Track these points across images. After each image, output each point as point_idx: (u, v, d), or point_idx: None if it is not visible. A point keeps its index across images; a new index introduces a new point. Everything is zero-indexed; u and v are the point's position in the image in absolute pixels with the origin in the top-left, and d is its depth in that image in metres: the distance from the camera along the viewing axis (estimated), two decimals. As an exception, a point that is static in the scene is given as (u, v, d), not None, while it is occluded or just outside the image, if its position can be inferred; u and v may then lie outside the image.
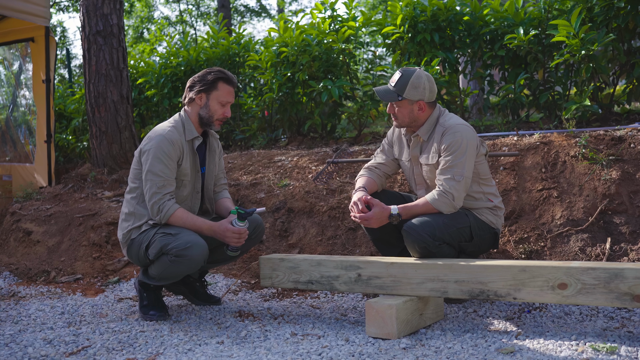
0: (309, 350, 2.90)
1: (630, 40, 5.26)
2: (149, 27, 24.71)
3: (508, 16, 5.58)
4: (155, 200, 3.37)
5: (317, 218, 4.63)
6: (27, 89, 7.56)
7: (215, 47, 7.27)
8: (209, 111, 3.50)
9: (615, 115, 5.43)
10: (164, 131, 3.44)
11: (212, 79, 3.50)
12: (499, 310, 3.43)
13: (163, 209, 3.37)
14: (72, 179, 6.35)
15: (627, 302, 2.69)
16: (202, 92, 3.50)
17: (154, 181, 3.38)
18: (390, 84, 3.45)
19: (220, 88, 3.50)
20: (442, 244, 3.26)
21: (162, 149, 3.38)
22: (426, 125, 3.45)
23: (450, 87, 5.97)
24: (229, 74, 3.55)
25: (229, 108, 3.54)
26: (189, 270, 3.40)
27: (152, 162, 3.38)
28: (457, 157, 3.28)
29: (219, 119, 3.52)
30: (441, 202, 3.29)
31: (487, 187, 3.48)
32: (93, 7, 6.37)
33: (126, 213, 3.54)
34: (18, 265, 4.89)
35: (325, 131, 6.52)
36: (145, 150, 3.43)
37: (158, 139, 3.41)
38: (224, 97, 3.51)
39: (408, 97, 3.39)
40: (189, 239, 3.30)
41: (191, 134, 3.51)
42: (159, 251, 3.34)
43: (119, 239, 3.60)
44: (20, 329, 3.45)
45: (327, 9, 6.45)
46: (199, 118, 3.52)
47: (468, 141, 3.32)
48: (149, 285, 3.58)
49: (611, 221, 3.90)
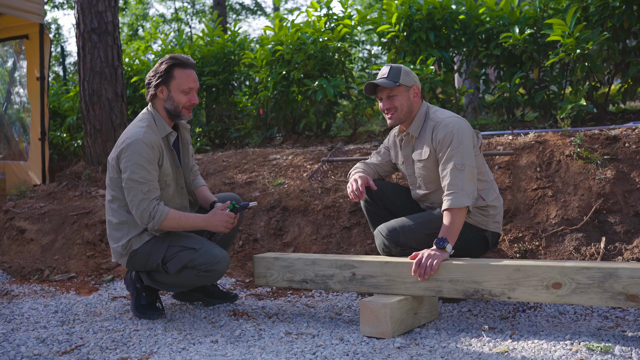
0: (303, 349, 2.89)
1: (625, 40, 5.27)
2: (143, 24, 24.66)
3: (503, 15, 5.59)
4: (145, 207, 3.25)
5: (312, 217, 4.62)
6: (21, 86, 7.52)
7: (210, 45, 7.26)
8: (173, 102, 3.38)
9: (610, 115, 5.44)
10: (139, 134, 3.28)
11: (166, 68, 3.36)
12: (494, 309, 3.43)
13: (155, 215, 3.25)
14: (66, 177, 6.33)
15: (621, 302, 2.69)
16: (160, 84, 3.37)
17: (139, 188, 3.25)
18: (382, 77, 3.42)
19: (178, 75, 3.36)
20: (408, 249, 3.25)
21: (141, 155, 3.25)
22: (416, 122, 3.44)
23: (445, 86, 5.97)
24: (183, 57, 3.38)
25: (194, 94, 3.40)
26: (211, 282, 3.48)
27: (132, 169, 3.25)
28: (454, 147, 3.23)
29: (186, 107, 3.40)
30: (454, 200, 3.16)
31: (480, 183, 3.38)
32: (88, 4, 6.35)
33: (116, 223, 3.42)
34: (11, 263, 4.87)
35: (320, 130, 6.52)
36: (124, 157, 3.28)
37: (136, 144, 3.25)
38: (185, 83, 3.37)
39: (404, 83, 3.38)
40: (214, 253, 3.30)
41: (164, 130, 3.39)
42: (184, 266, 3.32)
43: (113, 248, 3.47)
44: (13, 327, 3.43)
45: (322, 7, 6.45)
46: (167, 112, 3.40)
47: (463, 131, 3.26)
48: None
49: (606, 220, 3.90)
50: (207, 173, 5.44)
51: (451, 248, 3.12)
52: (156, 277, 3.48)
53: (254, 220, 4.75)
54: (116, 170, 3.37)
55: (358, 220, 4.49)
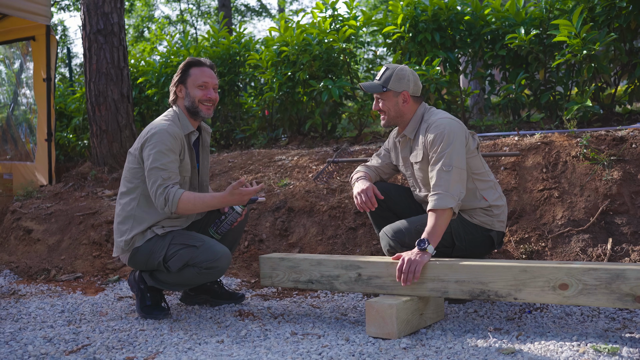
0: (309, 349, 2.89)
1: (632, 40, 5.26)
2: (149, 26, 24.72)
3: (509, 16, 5.58)
4: (161, 192, 3.30)
5: (317, 217, 4.62)
6: (27, 87, 7.56)
7: (215, 46, 7.27)
8: (190, 98, 3.49)
9: (616, 116, 5.43)
10: (164, 125, 3.39)
11: (183, 68, 3.54)
12: (500, 310, 3.42)
13: (169, 197, 3.29)
14: (72, 178, 6.35)
15: (628, 303, 2.68)
16: (178, 83, 3.53)
17: (159, 174, 3.32)
18: (376, 78, 3.47)
19: (193, 72, 3.51)
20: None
21: (164, 143, 3.34)
22: (411, 124, 3.44)
23: (451, 87, 5.96)
24: (198, 58, 3.59)
25: (211, 90, 3.52)
26: (213, 280, 3.51)
27: (155, 156, 3.32)
28: (443, 148, 3.21)
29: (202, 101, 3.48)
30: (438, 201, 3.15)
31: (481, 183, 3.38)
32: (94, 5, 6.37)
33: (124, 216, 3.46)
34: (18, 263, 4.89)
35: (325, 131, 6.52)
36: (147, 146, 3.37)
37: (160, 133, 3.36)
38: (199, 78, 3.50)
39: (392, 89, 3.38)
40: (215, 250, 3.32)
41: (187, 128, 3.48)
42: (185, 264, 3.34)
43: (117, 242, 3.50)
44: (21, 327, 3.44)
45: (327, 8, 6.46)
46: (187, 110, 3.51)
47: (454, 132, 3.23)
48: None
49: (612, 221, 3.89)
50: (212, 174, 5.45)
51: (433, 249, 3.10)
52: (158, 276, 3.49)
53: (259, 221, 4.76)
54: (137, 160, 3.44)
55: (363, 221, 4.49)
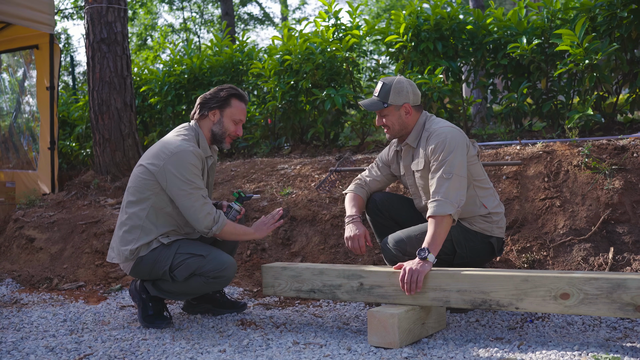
0: (311, 359, 2.90)
1: (633, 50, 5.27)
2: (152, 34, 24.79)
3: (511, 25, 5.60)
4: (209, 211, 3.35)
5: (319, 226, 4.63)
6: (30, 95, 7.59)
7: (218, 55, 7.30)
8: (222, 128, 3.51)
9: (618, 125, 5.43)
10: (189, 147, 3.39)
11: (226, 95, 3.52)
12: (501, 319, 3.42)
13: (218, 220, 3.38)
14: (75, 186, 6.36)
15: (630, 313, 2.68)
16: (215, 108, 3.51)
17: (198, 194, 3.35)
18: (374, 94, 3.48)
19: (234, 105, 3.53)
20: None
21: (194, 164, 3.36)
22: (414, 133, 3.46)
23: (453, 96, 5.98)
24: (241, 91, 3.59)
25: (240, 127, 3.57)
26: (218, 289, 3.59)
27: (188, 177, 3.33)
28: (444, 156, 3.23)
29: (231, 136, 3.55)
30: (437, 208, 3.16)
31: (481, 190, 3.40)
32: (97, 14, 6.40)
33: (131, 225, 3.42)
34: (20, 272, 4.89)
35: (328, 139, 6.53)
36: (176, 165, 3.33)
37: (189, 154, 3.35)
38: (238, 114, 3.53)
39: (393, 103, 3.40)
40: (222, 260, 3.37)
41: (206, 151, 3.51)
42: (191, 274, 3.36)
43: (121, 250, 3.45)
44: (23, 336, 3.45)
45: (330, 17, 6.48)
46: (212, 134, 3.53)
47: (455, 140, 3.26)
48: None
49: (614, 231, 3.89)
50: (215, 182, 5.46)
51: (434, 258, 3.11)
52: (162, 286, 3.49)
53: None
54: (151, 173, 3.39)
55: (366, 230, 4.49)
